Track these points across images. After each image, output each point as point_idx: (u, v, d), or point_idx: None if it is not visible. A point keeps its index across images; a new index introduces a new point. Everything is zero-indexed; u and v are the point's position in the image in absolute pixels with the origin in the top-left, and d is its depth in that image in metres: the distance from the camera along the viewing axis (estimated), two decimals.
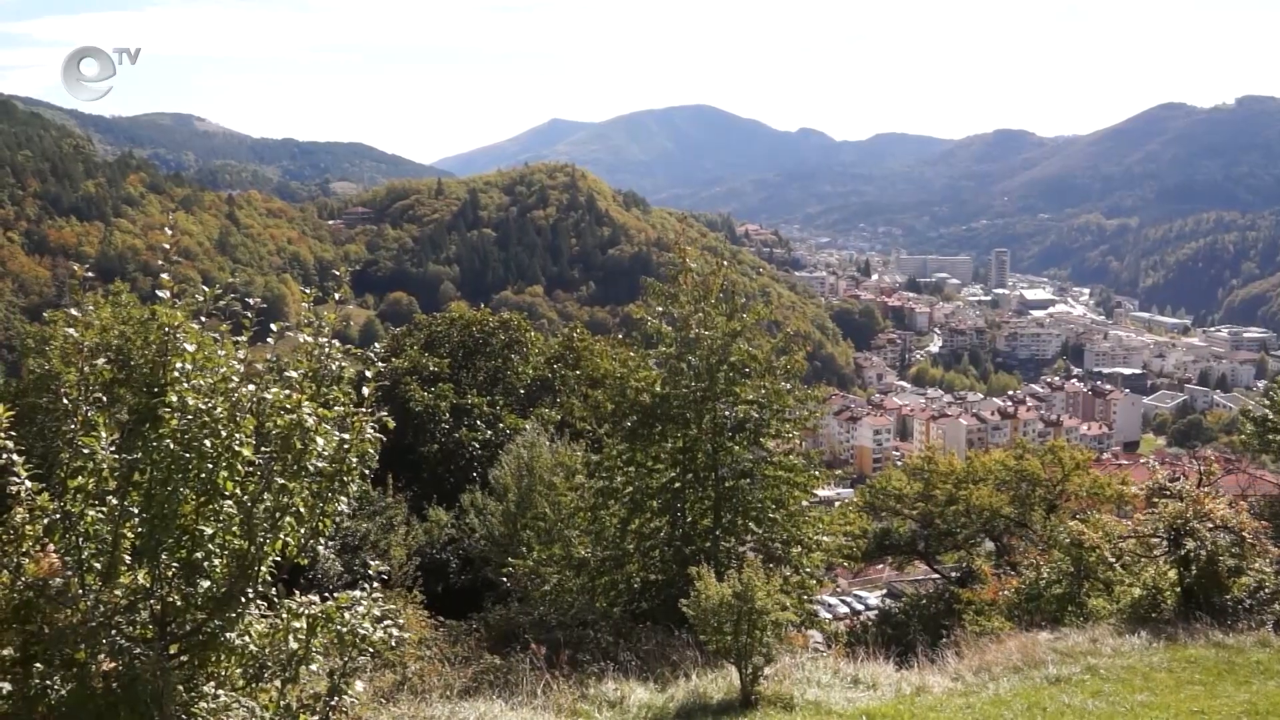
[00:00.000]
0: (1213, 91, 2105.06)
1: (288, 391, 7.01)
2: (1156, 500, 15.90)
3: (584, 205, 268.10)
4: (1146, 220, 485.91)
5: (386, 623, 7.27)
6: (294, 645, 6.97)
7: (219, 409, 6.72)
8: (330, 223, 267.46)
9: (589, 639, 15.32)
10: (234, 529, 6.84)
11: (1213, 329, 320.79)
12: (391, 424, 7.34)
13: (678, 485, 17.23)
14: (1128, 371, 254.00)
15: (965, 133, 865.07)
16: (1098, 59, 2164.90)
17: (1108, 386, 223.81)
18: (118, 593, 6.70)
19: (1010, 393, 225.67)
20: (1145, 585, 15.15)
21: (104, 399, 6.83)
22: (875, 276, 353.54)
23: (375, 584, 7.62)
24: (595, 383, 27.11)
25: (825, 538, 18.07)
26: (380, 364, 7.54)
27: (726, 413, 17.22)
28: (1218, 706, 10.90)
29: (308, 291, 8.06)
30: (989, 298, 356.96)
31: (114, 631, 6.59)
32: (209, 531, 6.76)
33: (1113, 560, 16.25)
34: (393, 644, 7.35)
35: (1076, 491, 28.74)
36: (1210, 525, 14.86)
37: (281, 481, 6.88)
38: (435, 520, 27.77)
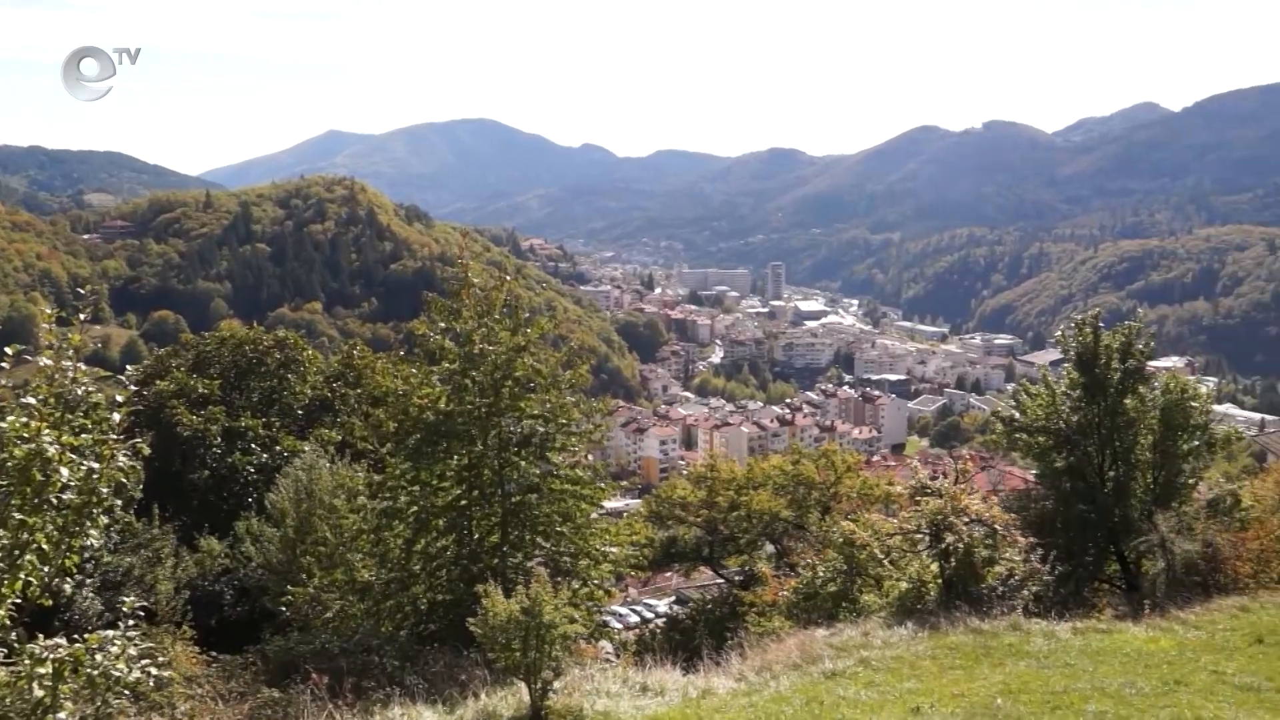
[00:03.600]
0: (963, 115, 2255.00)
1: (26, 419, 6.48)
2: (919, 498, 16.79)
3: (364, 219, 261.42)
4: (907, 235, 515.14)
5: (145, 662, 6.82)
6: (39, 693, 6.41)
7: None
8: (86, 237, 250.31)
9: (374, 665, 14.93)
10: None
11: (967, 336, 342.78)
12: (146, 450, 6.91)
13: (464, 503, 17.01)
14: (894, 378, 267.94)
15: (741, 150, 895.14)
16: (861, 82, 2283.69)
17: (876, 392, 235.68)
18: None
19: (788, 400, 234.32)
20: (911, 579, 16.00)
21: None
22: (658, 290, 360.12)
23: (134, 621, 7.15)
24: (377, 401, 26.47)
25: (613, 549, 18.24)
26: (135, 387, 7.08)
27: (512, 428, 17.12)
28: (976, 688, 11.61)
29: (48, 312, 7.49)
30: (766, 309, 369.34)
31: None
32: None
33: (881, 557, 17.06)
34: (152, 684, 6.90)
35: (848, 493, 30.10)
36: (966, 520, 15.82)
37: (20, 517, 6.34)
38: (207, 550, 26.44)
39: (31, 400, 6.64)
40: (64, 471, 6.45)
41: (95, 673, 6.60)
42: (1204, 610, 15.02)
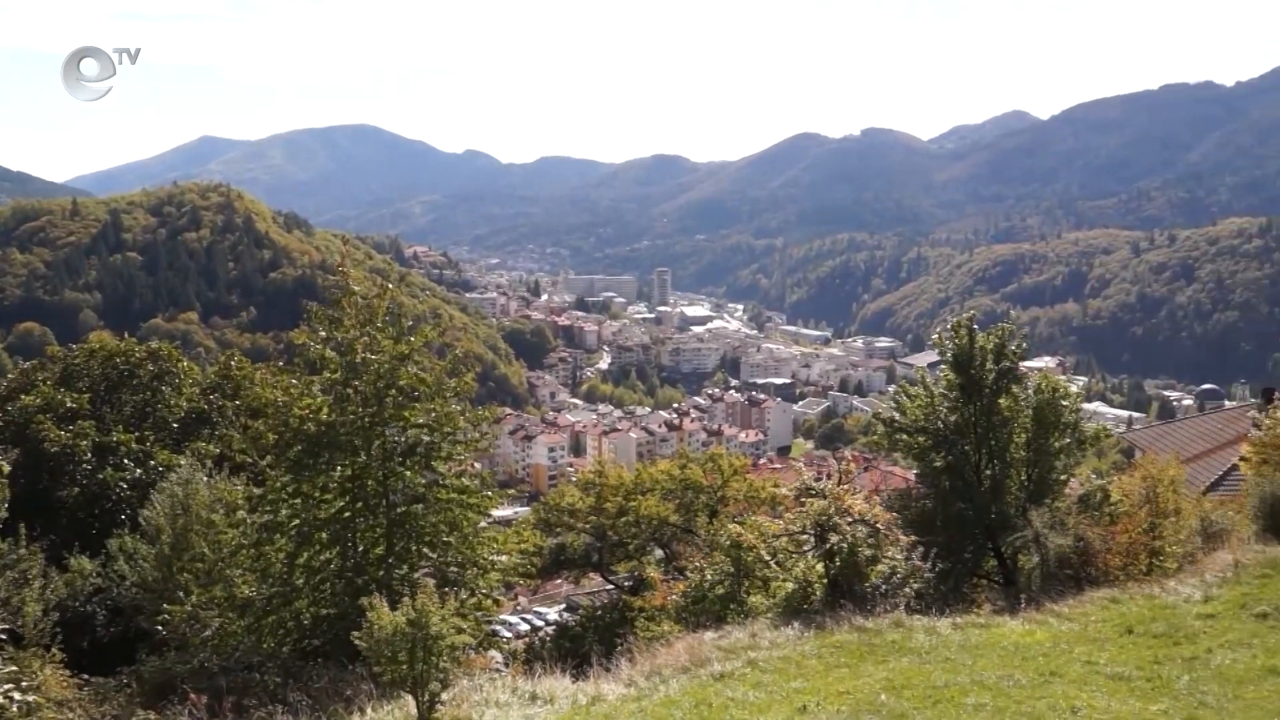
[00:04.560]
0: (842, 123, 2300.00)
1: None
2: (804, 500, 17.02)
3: (241, 227, 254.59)
4: (790, 241, 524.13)
5: (8, 687, 6.54)
6: None
7: None
8: None
9: (255, 683, 14.64)
10: None
11: (850, 339, 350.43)
12: (7, 468, 6.61)
13: (347, 515, 16.71)
14: (779, 381, 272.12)
15: (625, 157, 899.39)
16: (741, 90, 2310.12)
17: (762, 396, 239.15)
18: None
19: (675, 405, 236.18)
20: (797, 579, 16.18)
21: None
22: (545, 296, 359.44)
23: None
24: (256, 413, 25.87)
25: (501, 557, 18.16)
26: None
27: (396, 437, 16.89)
28: (861, 685, 11.83)
29: None
30: (653, 315, 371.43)
31: None
32: None
33: (768, 558, 17.24)
34: (17, 709, 6.62)
35: (735, 496, 30.47)
36: (850, 520, 16.10)
37: None
38: (78, 570, 25.42)
39: None
40: None
41: None
42: (1077, 603, 15.49)
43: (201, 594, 19.21)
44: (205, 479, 23.93)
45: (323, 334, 17.09)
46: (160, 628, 19.91)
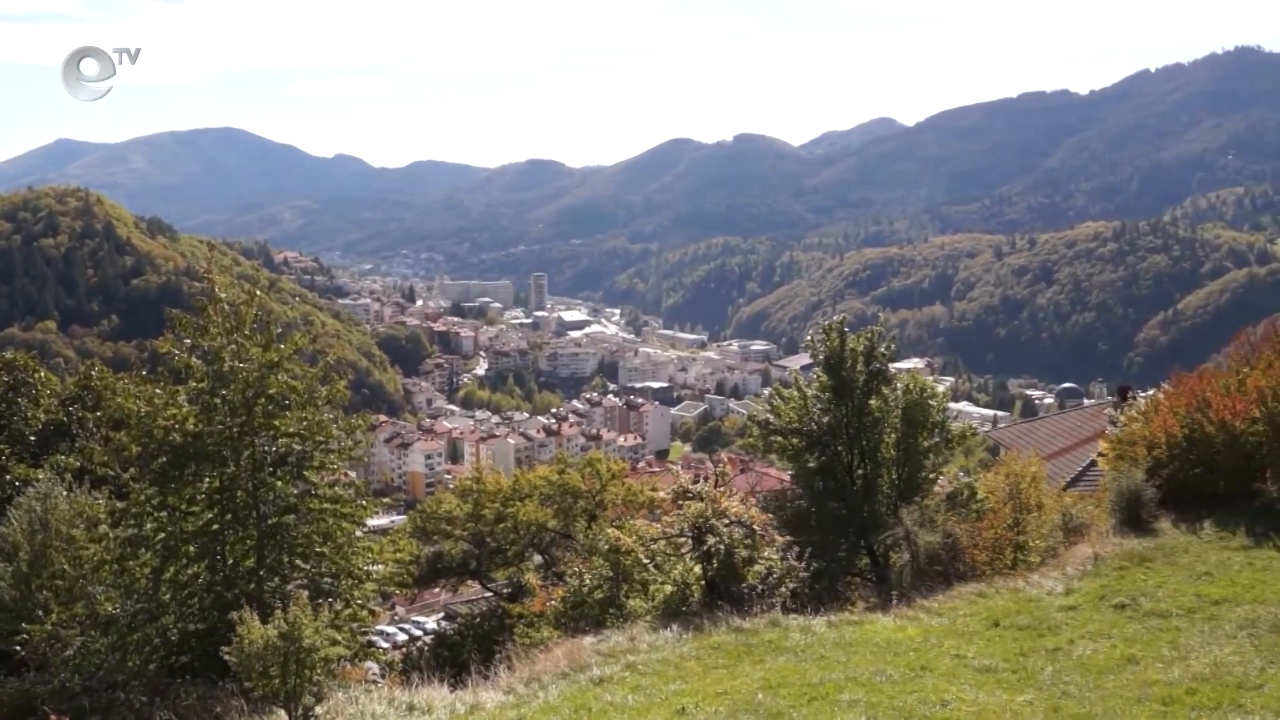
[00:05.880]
0: (715, 128, 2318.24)
1: None
2: (681, 502, 17.17)
3: (101, 233, 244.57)
4: (665, 245, 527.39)
5: None
6: None
7: None
8: None
9: (119, 702, 14.22)
10: None
11: (725, 343, 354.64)
12: None
13: (216, 527, 16.27)
14: (657, 385, 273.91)
15: (500, 161, 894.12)
16: (615, 95, 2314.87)
17: (640, 400, 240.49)
18: None
19: (554, 410, 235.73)
20: (675, 582, 16.28)
21: None
22: (420, 302, 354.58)
23: None
24: (119, 424, 24.96)
25: (376, 567, 17.90)
26: None
27: (266, 447, 16.51)
28: (738, 685, 11.99)
29: None
30: (530, 320, 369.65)
31: None
32: None
33: (647, 561, 17.36)
34: None
35: (613, 500, 30.57)
36: (727, 521, 16.28)
37: None
38: None
39: None
40: None
41: None
42: (946, 598, 15.85)
43: (62, 612, 18.50)
44: (65, 493, 23.06)
45: (188, 342, 16.64)
46: (18, 648, 19.15)
